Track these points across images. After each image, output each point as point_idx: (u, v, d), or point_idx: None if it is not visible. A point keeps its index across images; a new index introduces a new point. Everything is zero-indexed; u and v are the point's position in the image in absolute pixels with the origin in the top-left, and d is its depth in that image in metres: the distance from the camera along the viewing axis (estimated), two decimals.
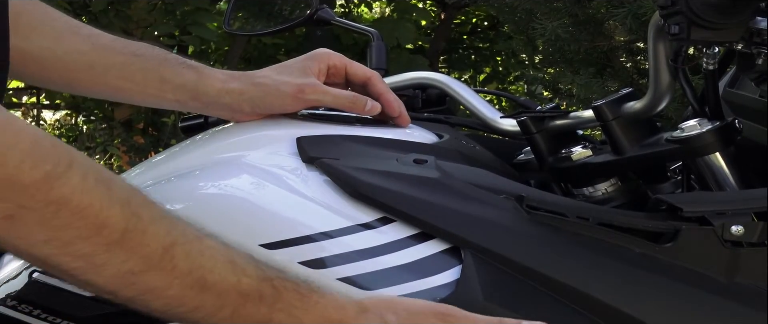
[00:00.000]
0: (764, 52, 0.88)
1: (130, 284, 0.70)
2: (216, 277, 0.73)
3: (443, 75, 1.35)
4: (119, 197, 0.70)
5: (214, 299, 0.73)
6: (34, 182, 0.64)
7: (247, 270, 0.75)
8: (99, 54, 1.04)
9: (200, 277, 0.72)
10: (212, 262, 0.73)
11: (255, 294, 0.75)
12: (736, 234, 0.86)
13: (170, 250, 0.71)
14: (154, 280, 0.71)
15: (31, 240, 0.67)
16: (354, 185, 0.90)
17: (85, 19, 4.72)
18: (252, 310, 0.74)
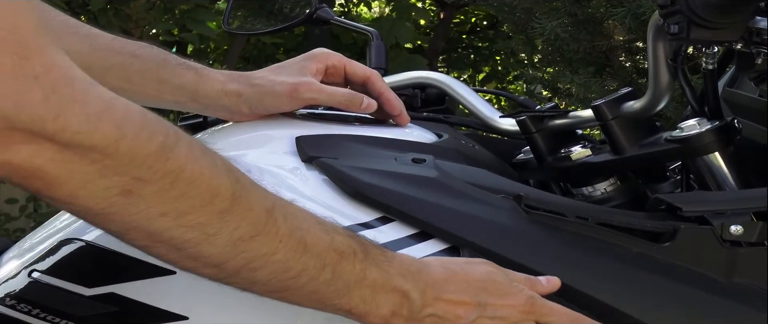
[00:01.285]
0: (764, 51, 0.88)
1: (240, 253, 0.71)
2: (313, 238, 0.74)
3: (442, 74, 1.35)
4: (223, 165, 0.70)
5: (316, 260, 0.74)
6: (151, 153, 0.64)
7: (336, 228, 0.77)
8: (98, 55, 1.04)
9: (300, 239, 0.73)
10: (306, 223, 0.75)
11: (349, 250, 0.76)
12: (735, 234, 0.86)
13: (272, 214, 0.72)
14: (262, 245, 0.71)
15: (148, 213, 0.66)
16: (352, 184, 0.90)
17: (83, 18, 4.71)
18: (348, 267, 0.76)
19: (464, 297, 0.81)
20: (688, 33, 0.85)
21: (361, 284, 0.77)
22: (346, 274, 0.76)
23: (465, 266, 0.83)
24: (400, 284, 0.79)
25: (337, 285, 0.76)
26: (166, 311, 0.88)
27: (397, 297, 0.79)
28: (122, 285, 0.88)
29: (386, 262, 0.79)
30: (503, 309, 0.82)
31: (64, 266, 0.92)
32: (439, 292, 0.80)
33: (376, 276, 0.78)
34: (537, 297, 0.83)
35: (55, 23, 1.05)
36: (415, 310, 0.80)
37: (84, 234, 0.93)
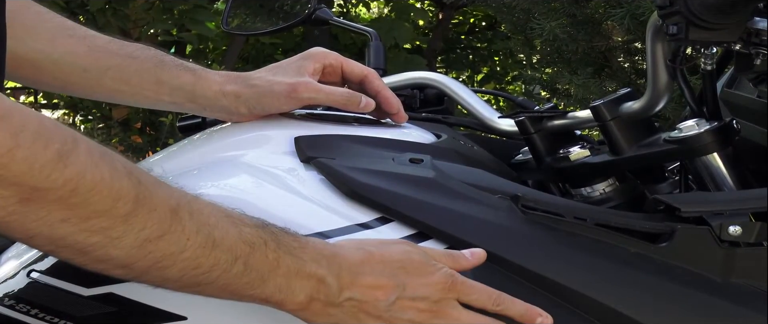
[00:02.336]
0: (762, 52, 0.88)
1: (148, 253, 0.71)
2: (222, 232, 0.74)
3: (441, 75, 1.35)
4: (124, 168, 0.70)
5: (226, 254, 0.74)
6: (48, 161, 0.64)
7: (243, 220, 0.77)
8: (95, 56, 1.04)
9: (209, 235, 0.73)
10: (214, 218, 0.75)
11: (259, 241, 0.76)
12: (734, 234, 0.86)
13: (178, 212, 0.72)
14: (169, 244, 0.71)
15: (49, 220, 0.66)
16: (350, 185, 0.90)
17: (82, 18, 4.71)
18: (260, 257, 0.76)
19: (382, 279, 0.81)
20: (687, 34, 0.85)
21: (275, 273, 0.77)
22: (258, 265, 0.76)
23: (381, 247, 0.83)
24: (315, 270, 0.79)
25: (250, 276, 0.76)
26: (165, 311, 0.88)
27: (312, 283, 0.79)
28: (121, 285, 0.88)
29: (300, 249, 0.79)
30: (423, 288, 0.81)
31: (62, 266, 0.92)
32: (355, 275, 0.80)
33: (289, 263, 0.77)
34: (456, 274, 0.83)
35: (51, 25, 1.05)
36: (332, 294, 0.79)
37: None
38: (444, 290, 0.82)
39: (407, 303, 0.81)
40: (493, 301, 0.83)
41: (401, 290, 0.81)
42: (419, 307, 0.82)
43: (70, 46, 1.04)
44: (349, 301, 0.80)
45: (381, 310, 0.81)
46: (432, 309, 0.82)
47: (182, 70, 1.04)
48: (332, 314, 0.80)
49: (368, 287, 0.81)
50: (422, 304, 0.82)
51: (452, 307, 0.83)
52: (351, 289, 0.80)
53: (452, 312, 0.83)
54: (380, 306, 0.81)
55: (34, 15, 1.04)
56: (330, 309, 0.80)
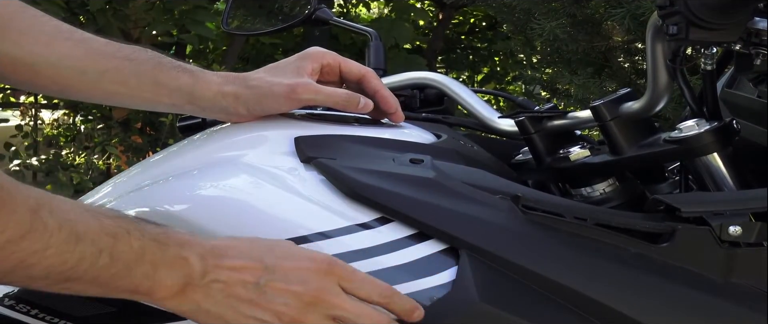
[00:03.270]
0: (762, 52, 0.88)
1: (10, 254, 0.71)
2: (84, 227, 0.75)
3: (441, 75, 1.35)
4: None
5: (90, 247, 0.75)
6: None
7: (104, 212, 0.78)
8: (92, 59, 1.04)
9: (71, 230, 0.74)
10: (74, 213, 0.75)
11: (122, 231, 0.77)
12: (734, 234, 0.86)
13: (38, 212, 0.73)
14: (32, 243, 0.72)
15: None
16: (350, 185, 0.90)
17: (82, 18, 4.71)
18: (125, 247, 0.77)
19: (247, 261, 0.81)
20: (687, 34, 0.85)
21: (141, 261, 0.77)
22: (124, 255, 0.77)
23: (252, 237, 0.83)
24: (179, 252, 0.79)
25: (117, 267, 0.76)
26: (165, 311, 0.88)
27: (178, 268, 0.79)
28: None
29: (163, 235, 0.79)
30: (296, 272, 0.81)
31: None
32: (219, 258, 0.80)
33: (155, 250, 0.78)
34: (336, 260, 0.82)
35: (48, 29, 1.05)
36: (197, 277, 0.80)
37: None
38: (320, 274, 0.81)
39: (280, 286, 0.80)
40: (379, 293, 0.82)
41: (270, 273, 0.80)
42: (295, 291, 0.80)
43: (67, 49, 1.04)
44: (215, 283, 0.80)
45: (251, 293, 0.80)
46: (310, 293, 0.81)
47: (180, 72, 1.04)
48: (201, 300, 0.80)
49: (233, 269, 0.80)
50: (298, 287, 0.80)
51: (334, 293, 0.81)
52: (215, 271, 0.80)
53: (334, 299, 0.81)
54: (249, 289, 0.80)
55: (30, 18, 1.04)
56: (197, 294, 0.80)
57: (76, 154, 5.77)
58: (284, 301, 0.81)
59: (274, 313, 0.81)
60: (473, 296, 0.83)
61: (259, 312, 0.81)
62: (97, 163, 5.52)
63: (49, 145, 5.91)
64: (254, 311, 0.81)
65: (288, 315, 0.81)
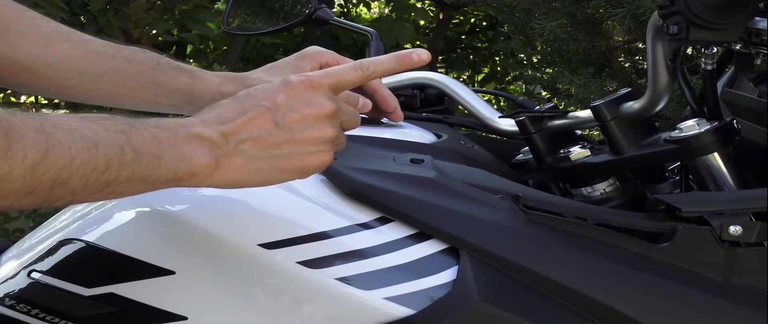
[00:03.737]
0: (763, 52, 0.88)
1: (42, 175, 0.70)
2: (92, 132, 0.74)
3: (442, 75, 1.35)
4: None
5: (110, 148, 0.73)
6: None
7: (93, 118, 0.76)
8: (90, 61, 1.04)
9: (84, 137, 0.73)
10: (74, 123, 0.74)
11: (125, 127, 0.76)
12: (735, 234, 0.86)
13: (43, 130, 0.71)
14: (57, 159, 0.71)
15: None
16: (351, 185, 0.90)
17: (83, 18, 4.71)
18: (139, 138, 0.75)
19: (250, 113, 0.80)
20: (688, 33, 0.85)
21: (161, 147, 0.76)
22: (144, 146, 0.75)
23: (229, 98, 0.83)
24: (187, 131, 0.78)
25: (145, 159, 0.75)
26: (166, 311, 0.88)
27: (198, 144, 0.78)
28: (121, 285, 0.88)
29: (162, 122, 0.78)
30: (293, 99, 0.80)
31: (63, 266, 0.92)
32: (224, 123, 0.79)
33: (166, 135, 0.77)
34: (304, 76, 0.82)
35: (46, 30, 1.05)
36: (223, 145, 0.79)
37: (83, 234, 0.93)
38: (307, 89, 0.81)
39: (295, 116, 0.80)
40: (358, 69, 0.84)
41: (277, 111, 0.80)
42: (310, 114, 0.81)
43: (66, 50, 1.04)
44: (243, 143, 0.79)
45: (281, 134, 0.80)
46: (321, 109, 0.81)
47: (179, 72, 1.04)
48: (245, 163, 0.80)
49: (245, 124, 0.80)
50: (309, 109, 0.81)
51: (333, 99, 0.82)
52: (233, 134, 0.79)
53: (338, 105, 0.82)
54: (274, 132, 0.80)
55: (27, 20, 1.04)
56: (237, 159, 0.79)
57: None
58: (309, 125, 0.81)
59: (310, 140, 0.81)
60: (474, 296, 0.83)
61: (299, 146, 0.81)
62: None
63: None
64: (296, 147, 0.81)
65: (321, 136, 0.81)
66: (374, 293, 0.85)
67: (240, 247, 0.87)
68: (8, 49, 1.02)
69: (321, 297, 0.86)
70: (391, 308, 0.84)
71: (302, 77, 0.82)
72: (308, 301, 0.86)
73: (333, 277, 0.85)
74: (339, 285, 0.85)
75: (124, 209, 0.95)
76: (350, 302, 0.85)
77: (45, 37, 1.04)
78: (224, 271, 0.88)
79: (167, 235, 0.90)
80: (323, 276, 0.85)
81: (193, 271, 0.89)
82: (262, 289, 0.88)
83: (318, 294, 0.86)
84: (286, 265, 0.86)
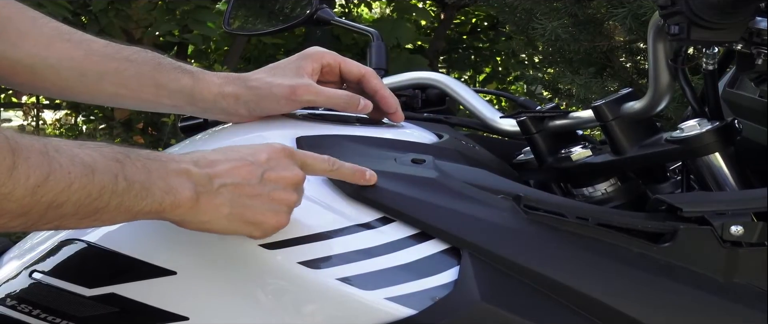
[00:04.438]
0: (764, 52, 0.88)
1: (41, 198, 0.73)
2: (90, 158, 0.77)
3: (443, 75, 1.35)
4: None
5: (105, 175, 0.77)
6: None
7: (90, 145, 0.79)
8: (92, 61, 1.04)
9: (83, 163, 0.76)
10: (76, 149, 0.77)
11: (120, 156, 0.79)
12: (736, 234, 0.86)
13: (47, 152, 0.74)
14: (57, 183, 0.74)
15: None
16: (352, 185, 0.90)
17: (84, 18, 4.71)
18: (132, 168, 0.79)
19: (236, 163, 0.85)
20: (689, 33, 0.85)
21: (151, 178, 0.80)
22: (135, 176, 0.79)
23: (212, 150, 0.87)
24: (176, 166, 0.82)
25: (135, 189, 0.79)
26: (167, 312, 0.88)
27: (185, 177, 0.82)
28: (123, 286, 0.88)
29: (152, 154, 0.82)
30: (274, 161, 0.86)
31: (64, 267, 0.93)
32: (211, 165, 0.84)
33: (157, 167, 0.81)
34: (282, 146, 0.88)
35: (47, 30, 1.05)
36: (206, 183, 0.83)
37: (85, 235, 0.93)
38: (286, 155, 0.87)
39: (273, 175, 0.86)
40: (329, 165, 0.89)
41: (260, 167, 0.85)
42: (285, 176, 0.86)
43: (67, 50, 1.04)
44: (224, 188, 0.84)
45: (257, 188, 0.85)
46: (294, 176, 0.87)
47: (180, 73, 1.04)
48: (220, 205, 0.84)
49: (231, 171, 0.85)
50: (286, 172, 0.86)
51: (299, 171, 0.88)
52: (217, 177, 0.84)
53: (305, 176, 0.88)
54: (254, 184, 0.85)
55: (29, 20, 1.04)
56: (214, 199, 0.84)
57: None
58: (281, 187, 0.86)
59: (280, 201, 0.86)
60: (475, 296, 0.83)
61: (266, 204, 0.85)
62: None
63: None
64: (263, 203, 0.85)
65: (286, 199, 0.86)
66: (375, 293, 0.85)
67: (241, 247, 0.87)
68: (9, 48, 1.02)
69: (322, 297, 0.86)
70: (392, 308, 0.84)
71: (282, 145, 0.88)
72: (309, 301, 0.86)
73: (334, 278, 0.85)
74: (340, 285, 0.85)
75: None
76: (351, 302, 0.85)
77: (46, 37, 1.04)
78: (225, 272, 0.88)
79: (168, 235, 0.90)
80: (324, 276, 0.85)
81: (195, 271, 0.89)
82: (264, 289, 0.88)
83: (319, 294, 0.86)
84: (287, 265, 0.86)
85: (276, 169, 0.86)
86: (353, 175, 0.90)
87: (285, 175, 0.86)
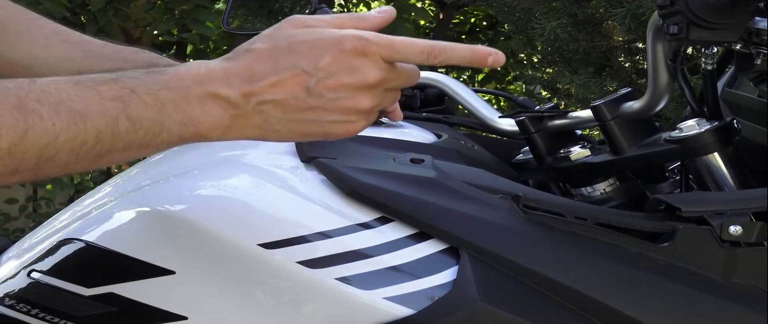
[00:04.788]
0: (763, 52, 0.88)
1: (24, 155, 0.68)
2: (81, 103, 0.70)
3: (442, 74, 1.35)
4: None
5: (102, 119, 0.70)
6: None
7: (95, 80, 0.72)
8: (90, 61, 1.04)
9: (70, 110, 0.69)
10: (65, 93, 0.70)
11: (124, 92, 0.72)
12: (735, 234, 0.86)
13: (24, 106, 0.68)
14: (37, 138, 0.68)
15: None
16: (351, 185, 0.90)
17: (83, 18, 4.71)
18: (139, 105, 0.72)
19: (283, 74, 0.74)
20: (688, 33, 0.85)
21: (165, 111, 0.72)
22: (144, 113, 0.72)
23: (268, 40, 0.76)
24: (202, 90, 0.74)
25: (144, 126, 0.72)
26: (165, 311, 0.88)
27: (211, 105, 0.74)
28: (121, 285, 0.88)
29: (173, 79, 0.73)
30: (338, 63, 0.74)
31: (63, 266, 0.93)
32: (249, 81, 0.74)
33: (173, 97, 0.73)
34: (366, 33, 0.75)
35: (45, 31, 1.05)
36: (241, 104, 0.74)
37: (83, 234, 0.93)
38: (359, 56, 0.75)
39: (331, 82, 0.75)
40: (427, 54, 0.77)
41: (313, 75, 0.74)
42: (347, 83, 0.75)
43: (65, 51, 1.04)
44: (265, 105, 0.75)
45: (309, 100, 0.75)
46: (363, 80, 0.75)
47: None
48: (262, 123, 0.76)
49: (274, 86, 0.74)
50: (349, 78, 0.75)
51: (383, 69, 0.76)
52: (256, 94, 0.74)
53: (386, 74, 0.76)
54: (302, 97, 0.75)
55: (27, 21, 1.05)
56: (253, 119, 0.75)
57: None
58: (344, 95, 0.75)
59: (340, 110, 0.76)
60: (474, 296, 0.83)
61: (326, 115, 0.76)
62: None
63: None
64: (322, 115, 0.76)
65: (353, 107, 0.76)
66: (374, 293, 0.85)
67: (240, 246, 0.87)
68: (8, 49, 1.02)
69: (321, 297, 0.86)
70: (391, 308, 0.84)
71: (357, 40, 0.75)
72: (308, 301, 0.86)
73: (333, 277, 0.85)
74: (339, 285, 0.85)
75: (124, 209, 0.95)
76: (350, 302, 0.85)
77: (44, 37, 1.04)
78: (224, 271, 0.88)
79: (167, 234, 0.90)
80: (323, 276, 0.85)
81: (193, 270, 0.89)
82: (262, 289, 0.88)
83: (318, 294, 0.86)
84: (286, 264, 0.86)
85: (338, 75, 0.74)
86: (469, 57, 0.79)
87: (349, 81, 0.74)
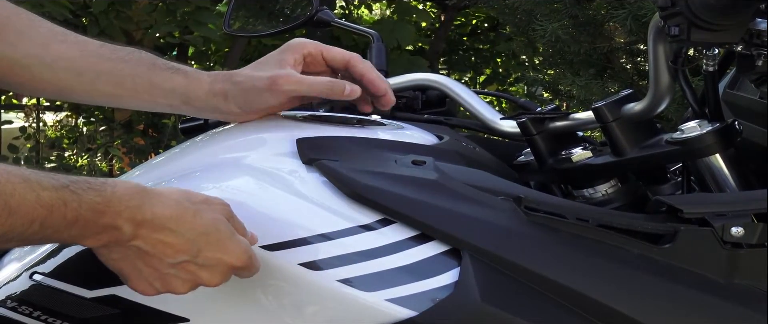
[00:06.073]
0: (764, 53, 0.88)
1: None
2: (18, 200, 0.75)
3: (443, 76, 1.35)
4: None
5: (22, 219, 0.76)
6: None
7: (43, 183, 0.78)
8: (88, 61, 1.05)
9: (5, 204, 0.75)
10: (11, 185, 0.76)
11: (58, 203, 0.78)
12: (736, 235, 0.86)
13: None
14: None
15: None
16: (352, 187, 0.90)
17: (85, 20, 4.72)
18: (58, 218, 0.78)
19: (180, 241, 0.83)
20: (689, 35, 0.85)
21: (71, 228, 0.79)
22: (55, 224, 0.78)
23: (200, 206, 0.85)
24: (112, 221, 0.81)
25: (45, 233, 0.78)
26: (167, 313, 0.88)
27: (106, 233, 0.81)
28: (123, 287, 0.88)
29: (103, 204, 0.80)
30: (214, 261, 0.84)
31: (65, 268, 0.93)
32: (156, 228, 0.82)
33: (88, 218, 0.79)
34: (255, 257, 0.86)
35: (44, 31, 1.05)
36: (123, 240, 0.82)
37: None
38: (235, 268, 0.85)
39: (192, 267, 0.84)
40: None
41: (194, 256, 0.84)
42: (194, 272, 0.84)
43: (63, 50, 1.04)
44: (136, 248, 0.83)
45: (163, 266, 0.84)
46: (215, 272, 0.84)
47: (173, 73, 1.05)
48: (118, 253, 0.83)
49: (161, 243, 0.83)
50: (204, 274, 0.84)
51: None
52: (145, 238, 0.82)
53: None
54: (164, 262, 0.83)
55: (25, 21, 1.05)
56: (118, 248, 0.83)
57: (79, 156, 5.78)
58: (186, 277, 0.84)
59: (164, 277, 0.84)
60: (475, 297, 0.83)
61: (153, 275, 0.84)
62: (99, 165, 5.53)
63: (52, 146, 5.92)
64: (149, 273, 0.84)
65: (171, 283, 0.85)
66: (376, 295, 0.85)
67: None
68: (7, 49, 1.03)
69: (323, 299, 0.86)
70: (392, 310, 0.84)
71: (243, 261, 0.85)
72: (310, 302, 0.86)
73: (335, 279, 0.85)
74: (341, 287, 0.85)
75: None
76: (352, 304, 0.85)
77: (43, 37, 1.05)
78: None
79: None
80: (325, 278, 0.85)
81: None
82: (264, 290, 0.88)
83: (320, 296, 0.86)
84: (288, 266, 0.86)
85: (203, 266, 0.85)
86: None
87: (200, 274, 0.85)
